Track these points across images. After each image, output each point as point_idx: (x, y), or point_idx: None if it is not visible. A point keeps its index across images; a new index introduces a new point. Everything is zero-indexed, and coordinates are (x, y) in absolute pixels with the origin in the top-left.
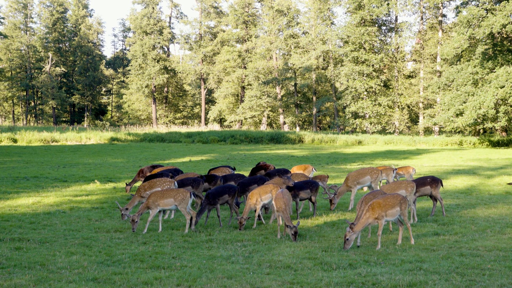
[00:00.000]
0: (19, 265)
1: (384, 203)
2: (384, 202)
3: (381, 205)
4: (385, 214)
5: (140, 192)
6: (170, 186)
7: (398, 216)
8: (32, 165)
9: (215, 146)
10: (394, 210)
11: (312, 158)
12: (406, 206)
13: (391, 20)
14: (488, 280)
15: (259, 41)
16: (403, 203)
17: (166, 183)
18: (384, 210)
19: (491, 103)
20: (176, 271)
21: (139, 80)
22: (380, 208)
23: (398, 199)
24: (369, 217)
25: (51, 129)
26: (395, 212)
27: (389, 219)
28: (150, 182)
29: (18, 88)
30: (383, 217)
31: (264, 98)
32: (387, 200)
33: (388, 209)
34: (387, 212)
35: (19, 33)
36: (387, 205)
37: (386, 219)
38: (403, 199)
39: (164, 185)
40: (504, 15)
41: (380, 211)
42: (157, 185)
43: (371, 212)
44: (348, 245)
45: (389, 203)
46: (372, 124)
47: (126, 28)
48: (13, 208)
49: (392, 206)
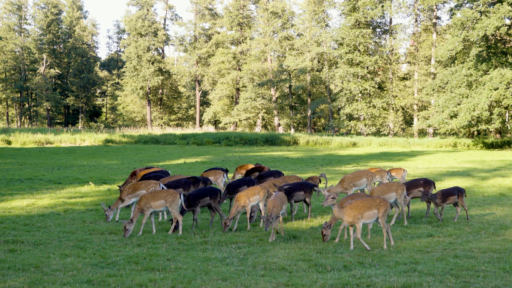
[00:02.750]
0: (13, 267)
1: (362, 205)
2: (362, 204)
3: (358, 207)
4: (361, 216)
5: (123, 194)
6: (155, 189)
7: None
8: (26, 167)
9: (210, 148)
10: (372, 212)
11: (306, 160)
12: (385, 210)
13: (385, 22)
14: (482, 282)
15: (253, 43)
16: (382, 206)
17: (151, 185)
18: (361, 213)
19: (485, 105)
20: (170, 273)
21: (133, 82)
22: (356, 210)
23: (376, 202)
24: (346, 219)
25: (46, 131)
26: (373, 214)
27: (367, 222)
28: (135, 184)
29: (12, 90)
30: (360, 220)
31: (259, 100)
32: (364, 202)
33: (365, 212)
34: (364, 214)
35: (13, 35)
36: (364, 207)
37: (364, 221)
38: (382, 202)
39: (149, 188)
40: (498, 17)
41: (356, 214)
42: (142, 187)
43: (348, 213)
44: (325, 239)
45: (366, 205)
46: (366, 126)
47: (121, 30)
48: (7, 210)
49: (369, 208)
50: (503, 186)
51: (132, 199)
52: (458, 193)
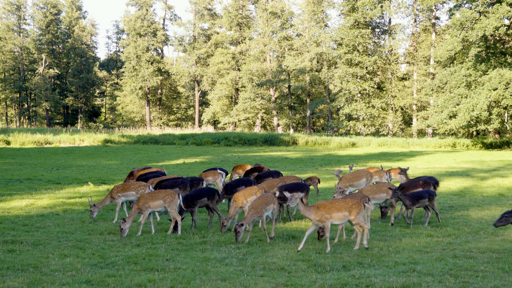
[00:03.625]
0: (12, 267)
1: (331, 206)
2: (332, 205)
3: (326, 207)
4: (330, 216)
5: (112, 193)
6: (144, 190)
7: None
8: (26, 167)
9: (209, 148)
10: (341, 214)
11: (306, 160)
12: (358, 212)
13: (384, 22)
14: (481, 282)
15: (253, 43)
16: (354, 208)
17: (141, 187)
18: (329, 212)
19: (484, 106)
20: (170, 273)
21: (132, 82)
22: (324, 210)
23: (348, 204)
24: (313, 218)
25: (45, 131)
26: (342, 216)
27: (336, 223)
28: (125, 185)
29: (11, 90)
30: (328, 219)
31: (258, 100)
32: (334, 203)
33: (333, 212)
34: (332, 215)
35: (13, 35)
36: (333, 208)
37: (332, 222)
38: (355, 204)
39: (138, 189)
40: (497, 17)
41: (324, 213)
42: (131, 188)
43: (315, 212)
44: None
45: (336, 206)
46: (365, 126)
47: (120, 30)
48: (6, 210)
49: (339, 210)
50: (502, 186)
51: (122, 198)
52: (428, 196)
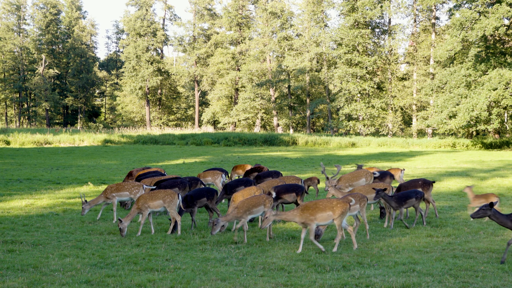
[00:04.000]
0: (12, 267)
1: (315, 207)
2: (315, 205)
3: (310, 208)
4: (314, 218)
5: (106, 192)
6: (138, 190)
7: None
8: (25, 167)
9: (209, 148)
10: (325, 214)
11: (305, 160)
12: (342, 211)
13: (384, 22)
14: (481, 282)
15: (252, 43)
16: (339, 207)
17: (135, 187)
18: (313, 214)
19: (484, 106)
20: (169, 273)
21: (132, 82)
22: (308, 211)
23: (333, 203)
24: (298, 221)
25: (44, 131)
26: (326, 216)
27: (321, 223)
28: (118, 185)
29: (11, 90)
30: (312, 220)
31: (258, 100)
32: (318, 203)
33: (317, 213)
34: (317, 215)
35: (12, 35)
36: (317, 208)
37: (317, 223)
38: (339, 204)
39: (132, 190)
40: (497, 17)
41: (308, 215)
42: (125, 188)
43: (300, 214)
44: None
45: (320, 206)
46: (365, 126)
47: (120, 30)
48: (6, 210)
49: (323, 210)
50: (502, 186)
51: (117, 198)
52: (416, 196)
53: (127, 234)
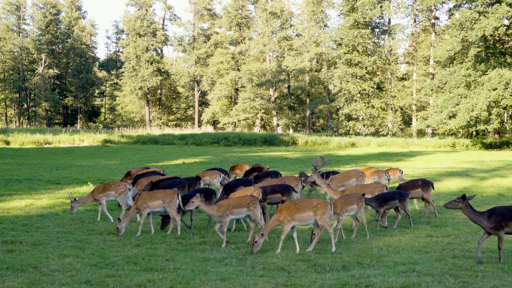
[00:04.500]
0: (12, 267)
1: (294, 207)
2: (295, 206)
3: (289, 208)
4: (292, 218)
5: (94, 193)
6: (124, 190)
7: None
8: (25, 167)
9: (209, 148)
10: (305, 215)
11: (305, 160)
12: (323, 212)
13: (384, 22)
14: (481, 282)
15: (252, 43)
16: (320, 207)
17: (121, 186)
18: (291, 214)
19: (483, 106)
20: (169, 274)
21: (132, 82)
22: (286, 212)
23: (314, 203)
24: (275, 220)
25: (44, 131)
26: (306, 217)
27: (298, 224)
28: (105, 185)
29: (11, 90)
30: (290, 221)
31: (258, 100)
32: (298, 204)
33: (295, 213)
34: (295, 216)
35: (12, 35)
36: (296, 209)
37: (294, 223)
38: (321, 204)
39: (118, 189)
40: (497, 17)
41: (286, 215)
42: (112, 188)
43: (278, 214)
44: (256, 248)
45: (299, 207)
46: (365, 126)
47: (120, 30)
48: (6, 210)
49: (303, 210)
50: (502, 186)
51: (104, 199)
52: (400, 198)
53: (124, 234)
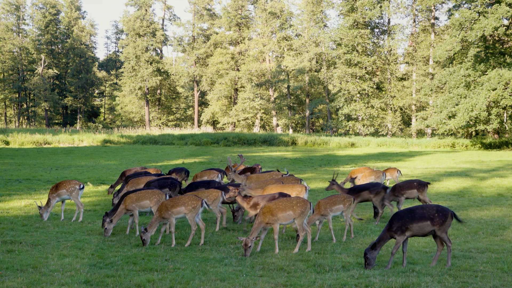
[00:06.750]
0: (11, 267)
1: (274, 207)
2: (275, 206)
3: (271, 209)
4: (276, 218)
5: (49, 194)
6: (74, 189)
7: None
8: (25, 167)
9: (208, 148)
10: (286, 214)
11: (305, 160)
12: (302, 211)
13: (383, 22)
14: (480, 282)
15: (252, 43)
16: (298, 207)
17: (72, 185)
18: (274, 214)
19: (483, 106)
20: (169, 274)
21: (132, 82)
22: (269, 213)
23: (293, 202)
24: (260, 221)
25: (44, 131)
26: (287, 216)
27: (284, 223)
28: (58, 184)
29: (10, 90)
30: (276, 221)
31: (257, 100)
32: (278, 203)
33: (278, 213)
34: (278, 215)
35: (11, 35)
36: (277, 208)
37: (281, 222)
38: (299, 203)
39: (68, 188)
40: (496, 17)
41: (270, 216)
42: (62, 187)
43: (262, 216)
44: (248, 251)
45: (279, 206)
46: (365, 126)
47: (119, 30)
48: (5, 210)
49: (283, 209)
50: (501, 186)
51: (56, 198)
52: (370, 190)
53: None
